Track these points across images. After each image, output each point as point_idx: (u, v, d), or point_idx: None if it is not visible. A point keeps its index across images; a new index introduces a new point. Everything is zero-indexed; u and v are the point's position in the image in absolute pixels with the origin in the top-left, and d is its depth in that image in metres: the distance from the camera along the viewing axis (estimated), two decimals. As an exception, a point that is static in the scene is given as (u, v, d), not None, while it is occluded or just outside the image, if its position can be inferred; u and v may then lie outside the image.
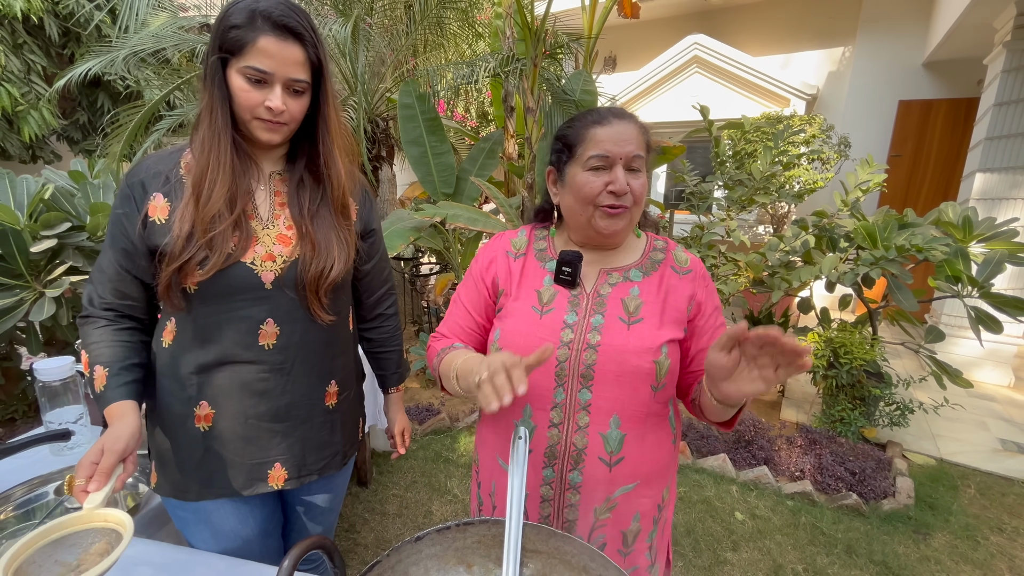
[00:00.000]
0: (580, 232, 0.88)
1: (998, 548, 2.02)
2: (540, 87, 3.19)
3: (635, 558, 0.86)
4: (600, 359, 0.80)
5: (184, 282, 0.82)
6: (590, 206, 0.82)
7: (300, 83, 0.82)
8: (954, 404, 2.82)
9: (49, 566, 0.57)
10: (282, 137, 0.86)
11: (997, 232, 2.43)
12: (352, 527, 2.07)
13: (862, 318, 2.92)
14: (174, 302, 0.84)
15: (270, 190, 0.91)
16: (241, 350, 0.87)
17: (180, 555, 0.93)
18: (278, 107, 0.80)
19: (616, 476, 0.81)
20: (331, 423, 0.99)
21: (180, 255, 0.79)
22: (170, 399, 0.89)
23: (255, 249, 0.85)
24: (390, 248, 2.76)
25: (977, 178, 3.62)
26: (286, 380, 0.91)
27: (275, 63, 0.78)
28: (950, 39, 4.19)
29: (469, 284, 0.95)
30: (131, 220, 0.83)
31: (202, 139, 0.82)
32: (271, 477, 0.93)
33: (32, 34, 4.88)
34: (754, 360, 0.64)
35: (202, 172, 0.81)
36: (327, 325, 0.94)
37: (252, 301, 0.86)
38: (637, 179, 0.80)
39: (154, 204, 0.83)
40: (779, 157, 3.42)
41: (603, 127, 0.81)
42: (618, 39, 6.49)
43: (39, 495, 1.10)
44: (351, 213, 0.97)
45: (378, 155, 3.88)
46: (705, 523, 2.14)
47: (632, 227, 0.86)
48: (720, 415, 0.78)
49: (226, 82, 0.80)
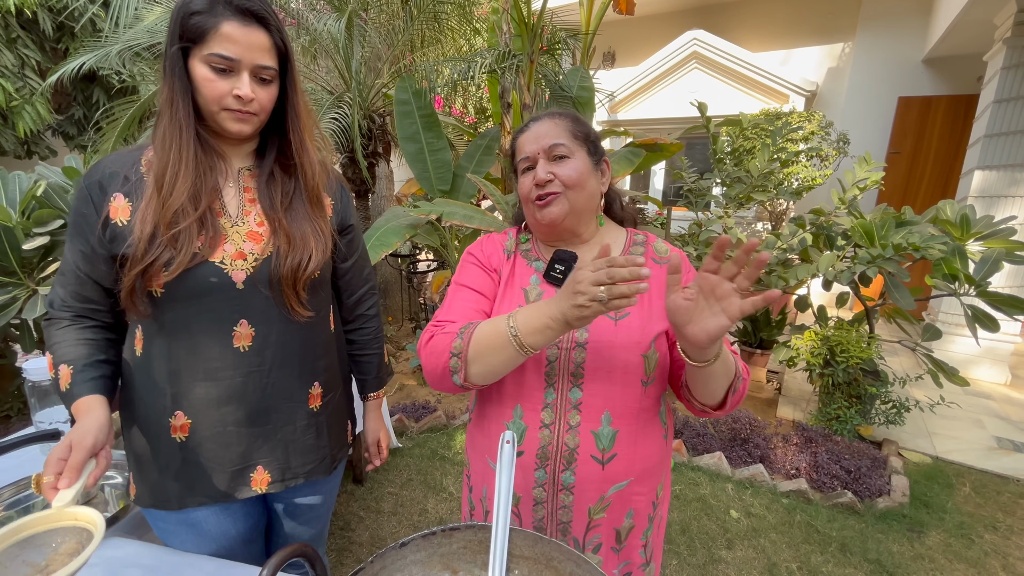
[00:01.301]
0: (536, 231, 0.92)
1: (992, 546, 2.03)
2: (537, 83, 3.17)
3: (628, 553, 0.86)
4: (589, 356, 0.80)
5: (149, 285, 0.79)
6: (529, 204, 0.87)
7: (268, 70, 0.79)
8: (950, 402, 2.82)
9: (16, 567, 0.55)
10: (252, 128, 0.83)
11: (995, 230, 2.42)
12: (347, 525, 2.07)
13: (859, 316, 2.92)
14: (139, 308, 0.80)
15: (239, 186, 0.87)
16: (215, 354, 0.84)
17: (169, 557, 0.92)
18: (247, 95, 0.77)
19: (609, 474, 0.81)
20: (316, 426, 0.96)
21: (143, 257, 0.76)
22: (145, 410, 0.87)
23: (224, 248, 0.82)
24: (385, 245, 2.74)
25: (976, 175, 3.61)
26: (265, 383, 0.88)
27: (240, 49, 0.75)
28: (950, 35, 4.16)
29: (472, 272, 0.91)
30: (90, 223, 0.79)
31: (163, 133, 0.78)
32: (254, 481, 0.91)
33: (26, 28, 4.84)
34: (712, 293, 0.63)
35: (163, 167, 0.77)
36: (306, 324, 0.91)
37: (223, 302, 0.83)
38: (563, 165, 0.83)
39: (115, 205, 0.79)
40: (777, 154, 3.40)
41: (524, 134, 0.88)
42: (617, 35, 6.45)
43: (28, 495, 1.10)
44: (326, 207, 0.94)
45: (374, 151, 3.86)
46: (700, 521, 2.14)
47: (578, 213, 0.86)
48: (704, 386, 0.75)
49: (188, 73, 0.76)
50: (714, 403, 0.79)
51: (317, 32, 3.47)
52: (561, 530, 0.84)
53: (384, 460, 1.18)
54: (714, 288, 0.62)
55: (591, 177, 0.86)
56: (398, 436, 2.77)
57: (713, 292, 0.62)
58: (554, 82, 3.16)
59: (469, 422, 0.96)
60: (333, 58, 3.48)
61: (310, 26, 3.57)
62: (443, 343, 0.78)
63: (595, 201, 0.89)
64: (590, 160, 0.86)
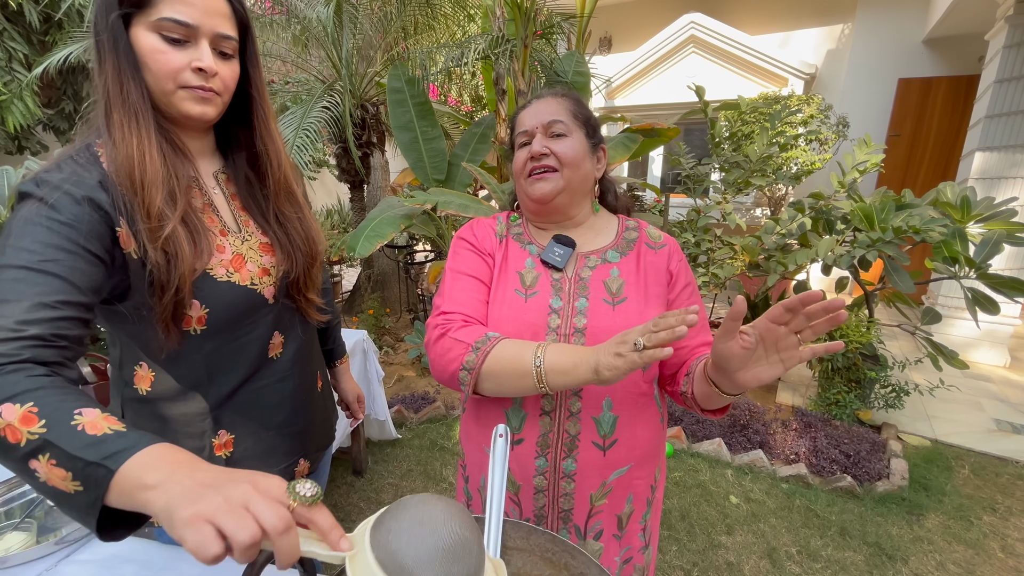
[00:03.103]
0: (527, 209, 0.90)
1: (991, 528, 2.03)
2: (532, 69, 3.12)
3: (629, 539, 0.86)
4: (588, 342, 0.79)
5: (188, 324, 0.70)
6: (521, 179, 0.86)
7: (229, 41, 0.68)
8: (950, 385, 2.82)
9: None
10: (217, 111, 0.71)
11: (995, 212, 2.40)
12: (347, 516, 2.08)
13: (859, 300, 2.90)
14: (173, 339, 0.70)
15: (224, 194, 0.79)
16: (254, 370, 0.82)
17: (163, 552, 0.91)
18: (210, 67, 0.65)
19: (610, 460, 0.80)
20: (325, 405, 1.03)
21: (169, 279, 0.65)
22: (174, 438, 0.77)
23: (247, 267, 0.76)
24: (380, 236, 2.72)
25: (976, 157, 3.58)
26: (296, 384, 0.90)
27: (198, 13, 0.63)
28: (951, 14, 4.10)
29: (468, 255, 0.88)
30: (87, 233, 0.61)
31: (119, 125, 0.64)
32: (297, 473, 0.94)
33: (12, 21, 4.75)
34: (775, 345, 0.60)
35: (131, 164, 0.63)
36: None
37: (260, 321, 0.80)
38: (560, 142, 0.83)
39: (122, 232, 0.64)
40: (776, 138, 3.36)
41: (525, 109, 0.88)
42: (613, 19, 6.36)
43: (21, 493, 1.09)
44: (299, 196, 0.88)
45: (368, 141, 3.81)
46: (700, 507, 2.15)
47: (571, 192, 0.85)
48: (717, 403, 0.75)
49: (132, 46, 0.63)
50: (717, 408, 0.78)
51: (308, 20, 3.41)
52: (563, 518, 0.83)
53: (363, 411, 1.25)
54: (778, 340, 0.58)
55: (587, 159, 0.85)
56: (397, 427, 2.77)
57: (776, 344, 0.59)
58: (549, 67, 3.11)
59: (463, 412, 0.94)
60: (324, 46, 3.43)
61: (300, 14, 3.51)
62: (455, 352, 0.75)
63: (589, 183, 0.88)
64: (587, 142, 0.86)
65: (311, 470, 0.99)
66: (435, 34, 4.24)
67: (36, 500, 1.06)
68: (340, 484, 2.28)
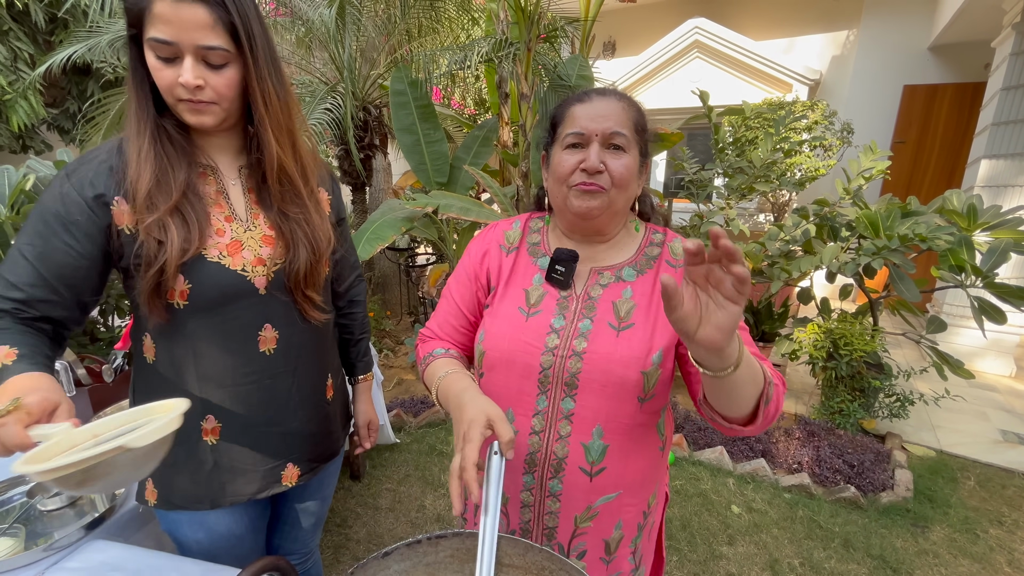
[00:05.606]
0: (562, 218, 0.83)
1: (997, 541, 2.00)
2: (535, 72, 3.11)
3: (618, 564, 0.83)
4: (585, 367, 0.75)
5: (171, 297, 0.77)
6: (564, 186, 0.77)
7: (215, 51, 0.69)
8: (955, 395, 2.78)
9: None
10: (214, 119, 0.75)
11: (1002, 220, 2.37)
12: (344, 522, 2.05)
13: (863, 308, 2.87)
14: (158, 313, 0.77)
15: (243, 187, 0.85)
16: (242, 359, 0.84)
17: (154, 560, 0.90)
18: (189, 81, 0.69)
19: (597, 486, 0.77)
20: (330, 415, 1.01)
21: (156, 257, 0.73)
22: None
23: (242, 254, 0.80)
24: (381, 239, 2.71)
25: (983, 165, 3.55)
26: (291, 383, 0.90)
27: (174, 30, 0.66)
28: (957, 21, 4.08)
29: (461, 279, 0.90)
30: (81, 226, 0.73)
31: (131, 121, 0.75)
32: (285, 477, 0.93)
33: (18, 20, 4.77)
34: (706, 281, 0.54)
35: (133, 156, 0.73)
36: (322, 322, 0.93)
37: (247, 308, 0.82)
38: (617, 158, 0.74)
39: (117, 211, 0.74)
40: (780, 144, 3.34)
41: (583, 104, 0.77)
42: (617, 23, 6.36)
43: (11, 497, 1.07)
44: (323, 202, 0.94)
45: (370, 143, 3.81)
46: (701, 517, 2.12)
47: (613, 212, 0.78)
48: (729, 398, 0.64)
49: (143, 62, 0.71)
50: (742, 416, 0.66)
51: (312, 22, 3.40)
52: (547, 535, 0.82)
53: (374, 443, 1.20)
54: (707, 275, 0.54)
55: (635, 179, 0.78)
56: (396, 431, 2.74)
57: (707, 280, 0.54)
58: (552, 71, 3.09)
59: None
60: (327, 47, 3.42)
61: (304, 16, 3.51)
62: (419, 355, 0.90)
63: (630, 203, 0.82)
64: (639, 160, 0.78)
65: (304, 479, 0.97)
66: (439, 37, 4.24)
67: (25, 506, 1.05)
68: (337, 489, 2.26)
